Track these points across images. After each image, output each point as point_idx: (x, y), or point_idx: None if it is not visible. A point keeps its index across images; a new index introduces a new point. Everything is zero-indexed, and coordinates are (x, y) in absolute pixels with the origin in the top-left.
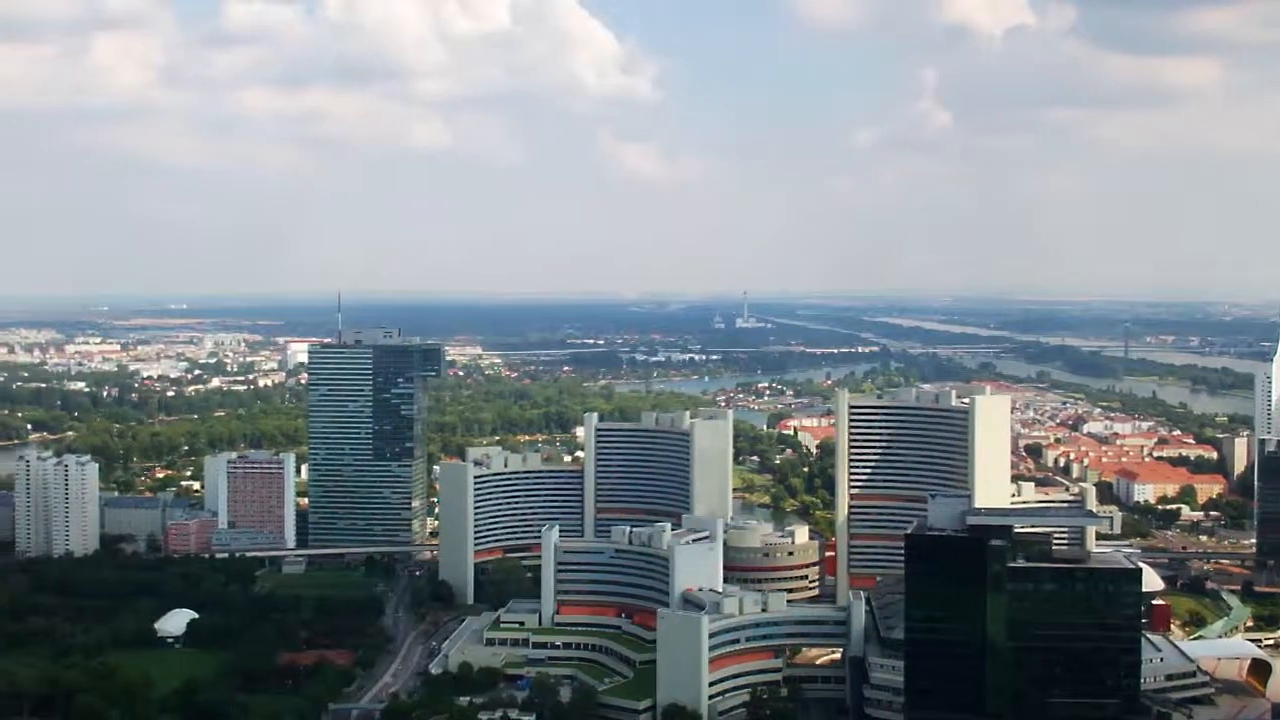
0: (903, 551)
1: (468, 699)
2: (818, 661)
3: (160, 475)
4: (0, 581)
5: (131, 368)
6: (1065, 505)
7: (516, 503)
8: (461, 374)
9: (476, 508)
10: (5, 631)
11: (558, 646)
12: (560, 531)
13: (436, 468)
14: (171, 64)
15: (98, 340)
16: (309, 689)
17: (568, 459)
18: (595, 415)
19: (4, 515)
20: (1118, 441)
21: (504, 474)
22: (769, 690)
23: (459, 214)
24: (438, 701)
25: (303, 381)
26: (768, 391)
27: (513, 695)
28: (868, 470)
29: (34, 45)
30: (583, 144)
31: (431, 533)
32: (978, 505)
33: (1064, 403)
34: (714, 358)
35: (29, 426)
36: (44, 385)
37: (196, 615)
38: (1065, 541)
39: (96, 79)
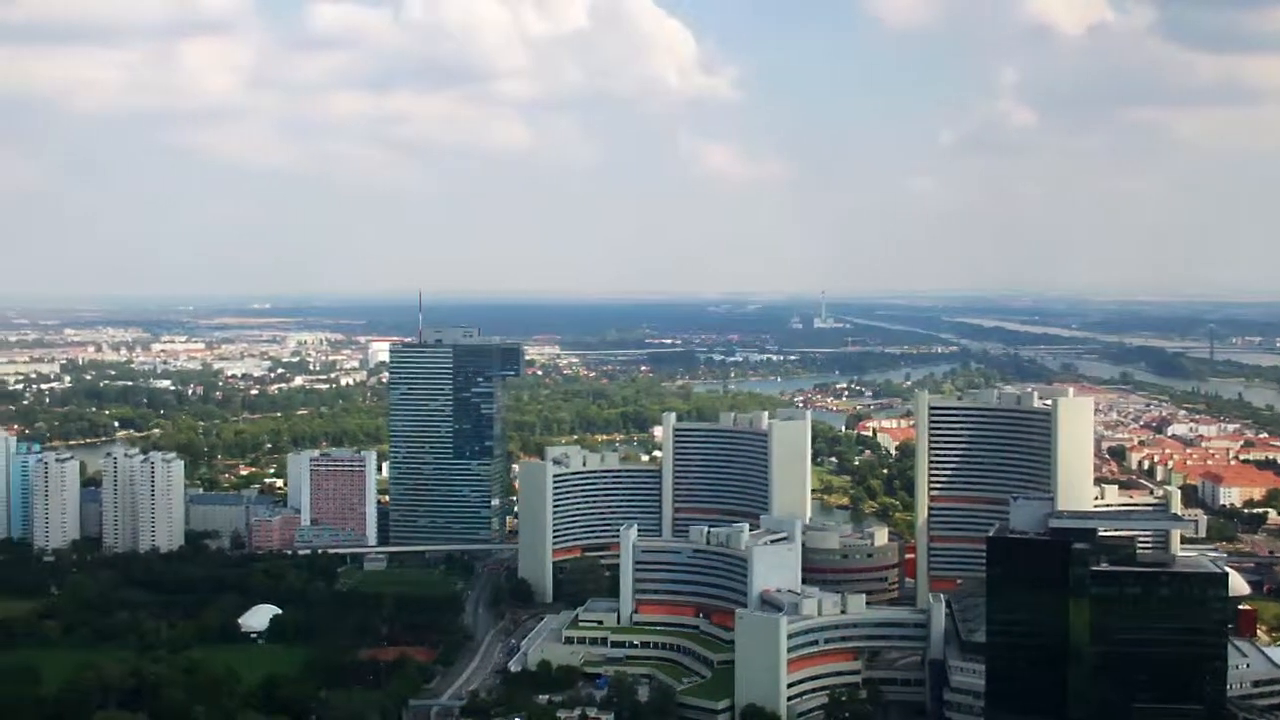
0: (983, 554)
1: (546, 697)
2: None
3: (244, 472)
4: (88, 576)
5: (216, 366)
6: (1149, 508)
7: (595, 502)
8: (540, 373)
9: (555, 506)
10: (93, 626)
11: (636, 646)
12: (638, 531)
13: (515, 466)
14: (258, 68)
15: (183, 339)
16: (390, 685)
17: (645, 459)
18: (673, 415)
19: (92, 511)
20: (1203, 444)
21: (582, 473)
22: (848, 692)
23: (538, 214)
24: (517, 699)
25: (384, 380)
26: (846, 392)
27: (591, 694)
28: (948, 472)
29: (124, 50)
30: (662, 144)
31: (510, 531)
32: (1060, 508)
33: (1148, 404)
34: (792, 358)
35: (116, 424)
36: (130, 383)
37: (279, 611)
38: (1149, 545)
39: (185, 83)
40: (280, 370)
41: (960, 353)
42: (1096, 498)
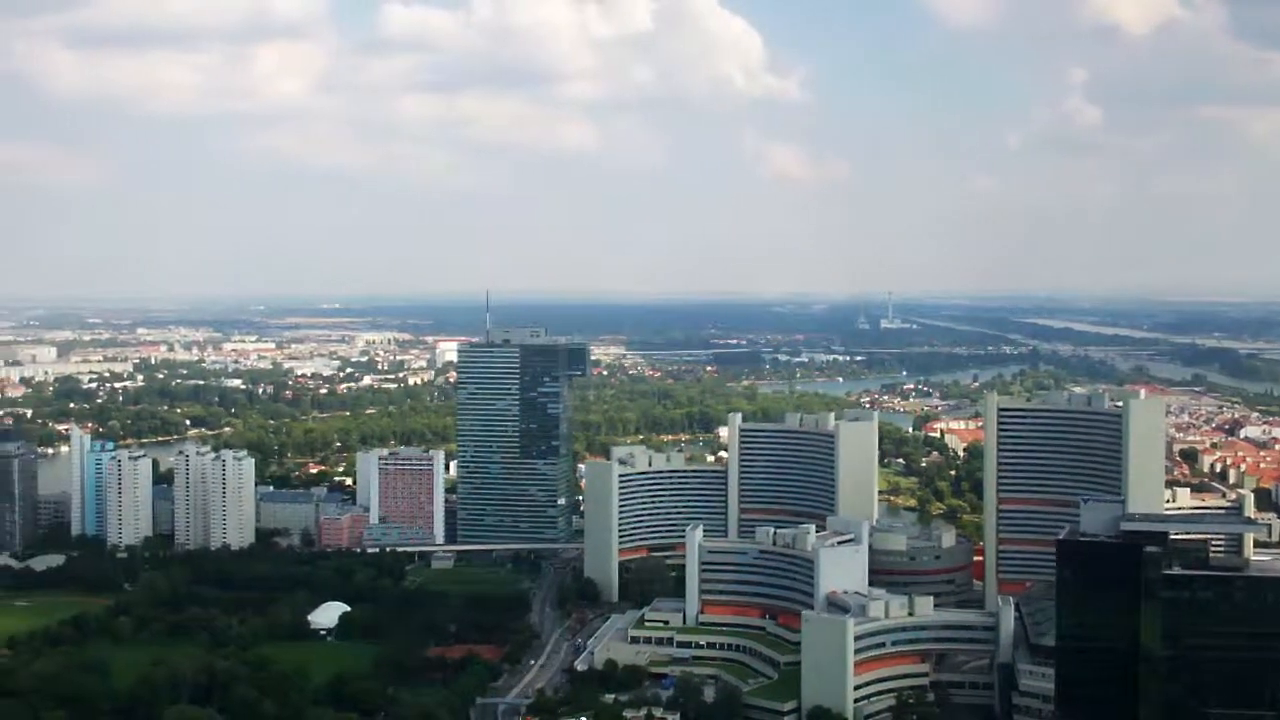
0: (1053, 557)
1: (612, 696)
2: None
3: (313, 470)
4: (160, 573)
5: (286, 365)
6: (1222, 511)
7: (660, 502)
8: (606, 373)
9: (621, 506)
10: (165, 622)
11: (702, 646)
12: (704, 531)
13: (581, 466)
14: (329, 71)
15: (253, 339)
16: (457, 683)
17: (710, 459)
18: (739, 415)
19: (164, 509)
20: (1277, 446)
21: (648, 473)
22: (915, 695)
23: (604, 214)
24: (583, 698)
25: (451, 380)
26: (913, 393)
27: (657, 694)
28: (1017, 474)
29: (198, 53)
30: (727, 145)
31: (577, 530)
32: (1131, 511)
33: (1221, 406)
34: (858, 358)
35: (187, 422)
36: (202, 382)
37: (348, 609)
38: (1222, 549)
39: (257, 86)
40: (349, 370)
41: (1029, 354)
42: (1168, 501)
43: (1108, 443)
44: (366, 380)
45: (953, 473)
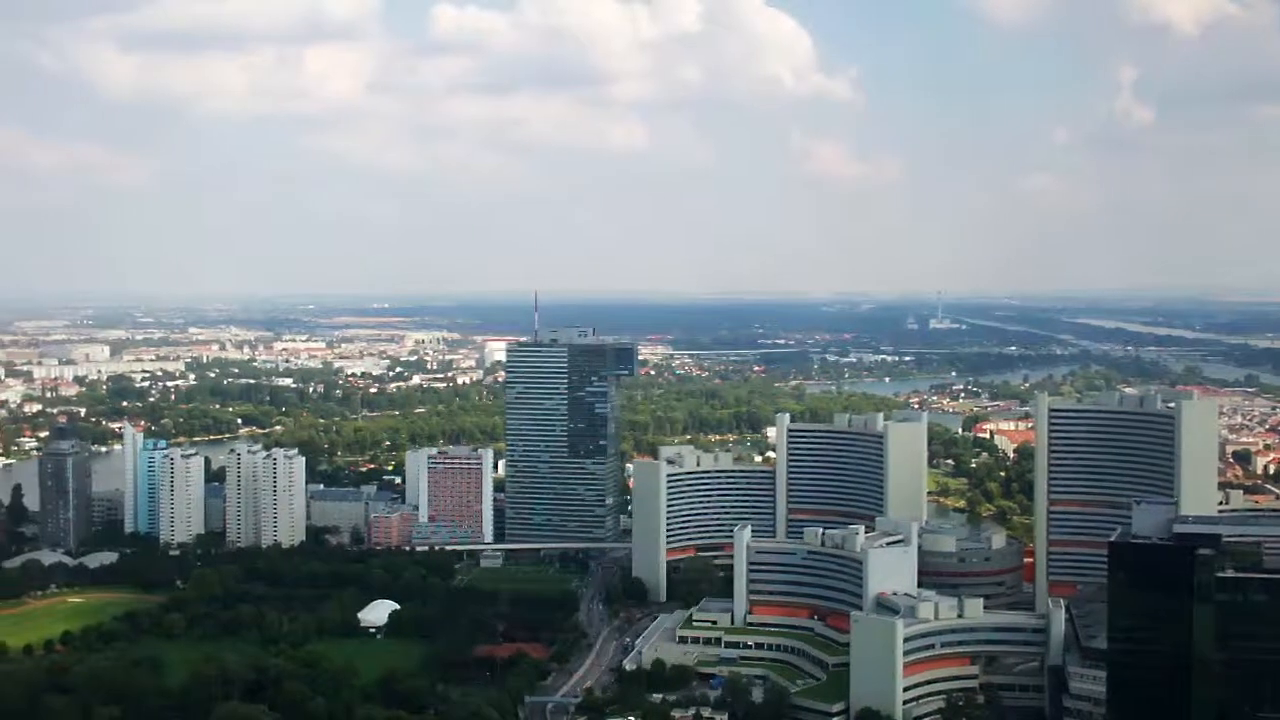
0: (1104, 558)
1: (660, 696)
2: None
3: (363, 469)
4: (212, 571)
5: (336, 365)
6: (1276, 513)
7: (708, 502)
8: (653, 373)
9: (669, 506)
10: (217, 619)
11: (750, 646)
12: (752, 532)
13: (629, 466)
14: (380, 72)
15: (304, 338)
16: (506, 681)
17: (758, 459)
18: (787, 416)
19: (216, 506)
20: None
21: (696, 473)
22: (965, 697)
23: (653, 215)
24: (631, 698)
25: (500, 379)
26: (963, 394)
27: (705, 694)
28: (1068, 475)
29: (251, 55)
30: (777, 144)
31: (624, 530)
32: (1184, 512)
33: (1274, 407)
34: (907, 359)
35: (239, 421)
36: (253, 381)
37: (398, 607)
38: (1276, 551)
39: (309, 87)
40: (399, 369)
41: (1080, 354)
42: (1221, 503)
43: (1160, 444)
44: (416, 379)
45: (1002, 474)
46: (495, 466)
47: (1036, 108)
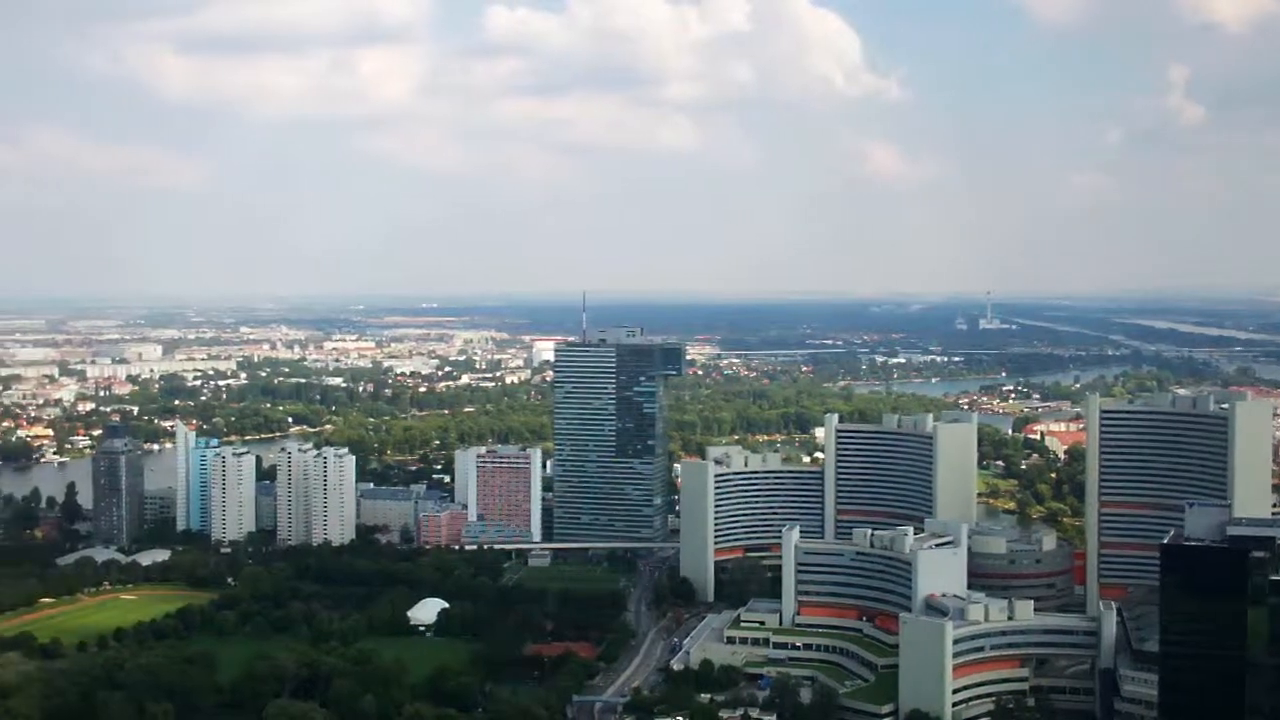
0: (1155, 561)
1: (708, 696)
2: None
3: (412, 468)
4: (263, 568)
5: (385, 364)
6: None
7: (757, 502)
8: (701, 373)
9: (717, 506)
10: (268, 617)
11: (798, 647)
12: (800, 532)
13: (677, 466)
14: (432, 75)
15: (354, 338)
16: (554, 680)
17: (807, 460)
18: (835, 416)
19: (267, 504)
20: None
21: (744, 473)
22: (1015, 700)
23: (702, 215)
24: (679, 698)
25: (548, 379)
26: (1013, 395)
27: (753, 694)
28: (1119, 477)
29: (305, 58)
30: (827, 144)
31: (672, 530)
32: (1238, 515)
33: None
34: (956, 359)
35: (289, 420)
36: (303, 381)
37: (447, 605)
38: None
39: (362, 89)
40: (448, 369)
41: (1131, 355)
42: (1275, 505)
43: (1213, 446)
44: (464, 379)
45: (1053, 475)
46: (544, 466)
47: (1086, 107)
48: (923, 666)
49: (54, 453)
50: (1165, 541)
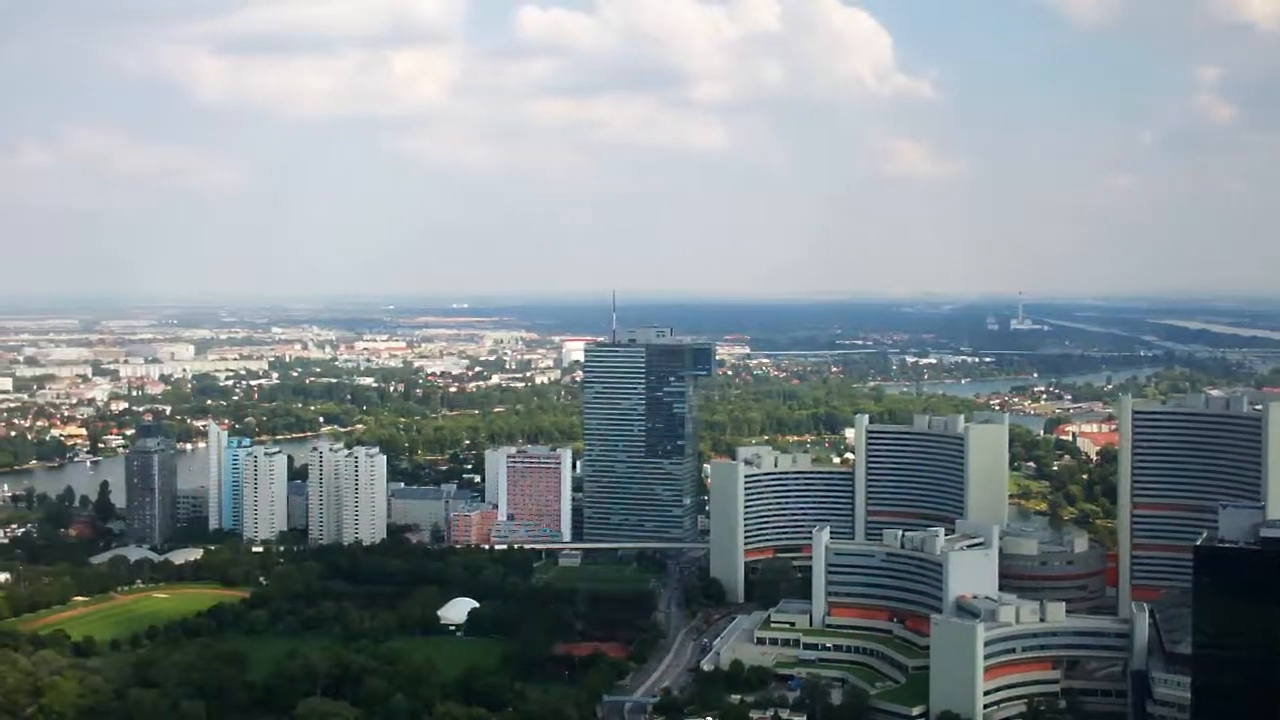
0: (1188, 563)
1: (739, 697)
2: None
3: (443, 468)
4: (295, 567)
5: (416, 364)
6: None
7: (787, 503)
8: (730, 373)
9: (747, 507)
10: (299, 615)
11: (828, 648)
12: (830, 533)
13: (706, 466)
14: (464, 76)
15: (384, 338)
16: (584, 680)
17: (837, 460)
18: (865, 417)
19: (298, 504)
20: None
21: (774, 474)
22: (1046, 701)
23: (732, 215)
24: (709, 698)
25: (578, 379)
26: (1044, 395)
27: (784, 695)
28: (1152, 478)
29: (338, 59)
30: (859, 144)
31: (702, 530)
32: (1272, 517)
33: None
34: (987, 360)
35: (321, 419)
36: (334, 380)
37: (477, 605)
38: None
39: (394, 90)
40: (478, 369)
41: (1164, 355)
42: None
43: (1246, 447)
44: (495, 379)
45: (1085, 476)
46: (574, 466)
47: (1118, 107)
48: (954, 668)
49: (87, 452)
50: (1198, 543)
